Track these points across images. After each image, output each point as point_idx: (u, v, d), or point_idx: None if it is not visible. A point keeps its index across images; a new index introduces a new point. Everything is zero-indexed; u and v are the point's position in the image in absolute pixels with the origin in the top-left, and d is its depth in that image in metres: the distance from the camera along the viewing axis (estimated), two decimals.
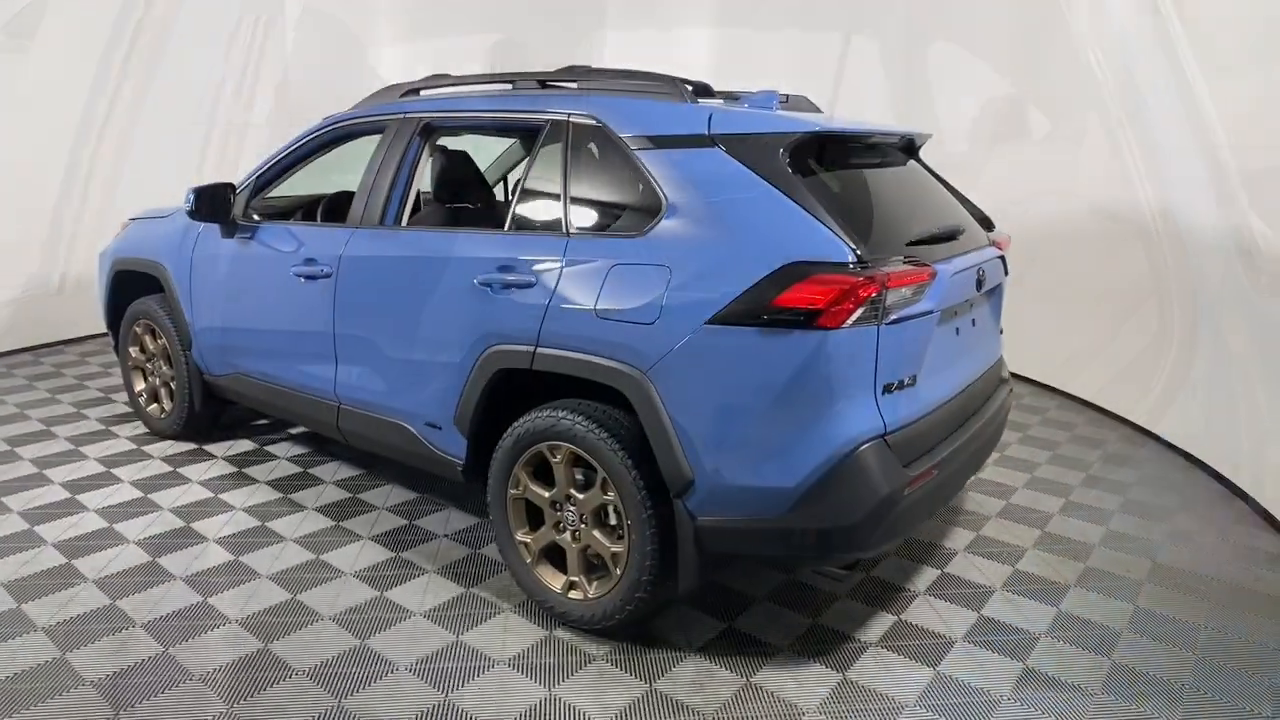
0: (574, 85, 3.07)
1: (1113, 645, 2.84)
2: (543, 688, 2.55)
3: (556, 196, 2.84)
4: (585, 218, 2.79)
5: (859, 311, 2.29)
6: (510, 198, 3.98)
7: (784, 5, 6.48)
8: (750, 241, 2.40)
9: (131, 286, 4.54)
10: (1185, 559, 3.47)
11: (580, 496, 2.75)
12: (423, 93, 3.51)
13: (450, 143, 4.28)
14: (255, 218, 3.86)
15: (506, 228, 2.95)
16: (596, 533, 2.74)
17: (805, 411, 2.35)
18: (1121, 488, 4.18)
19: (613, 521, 2.73)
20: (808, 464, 2.36)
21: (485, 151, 4.50)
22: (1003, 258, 3.21)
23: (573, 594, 2.82)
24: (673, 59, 6.20)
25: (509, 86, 3.26)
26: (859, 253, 2.32)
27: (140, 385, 4.60)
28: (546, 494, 2.84)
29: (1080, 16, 5.17)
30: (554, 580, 2.87)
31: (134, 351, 4.57)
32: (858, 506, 2.37)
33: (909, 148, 3.23)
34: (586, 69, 3.14)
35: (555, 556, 2.90)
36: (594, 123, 2.81)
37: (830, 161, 2.68)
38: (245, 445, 4.45)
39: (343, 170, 4.05)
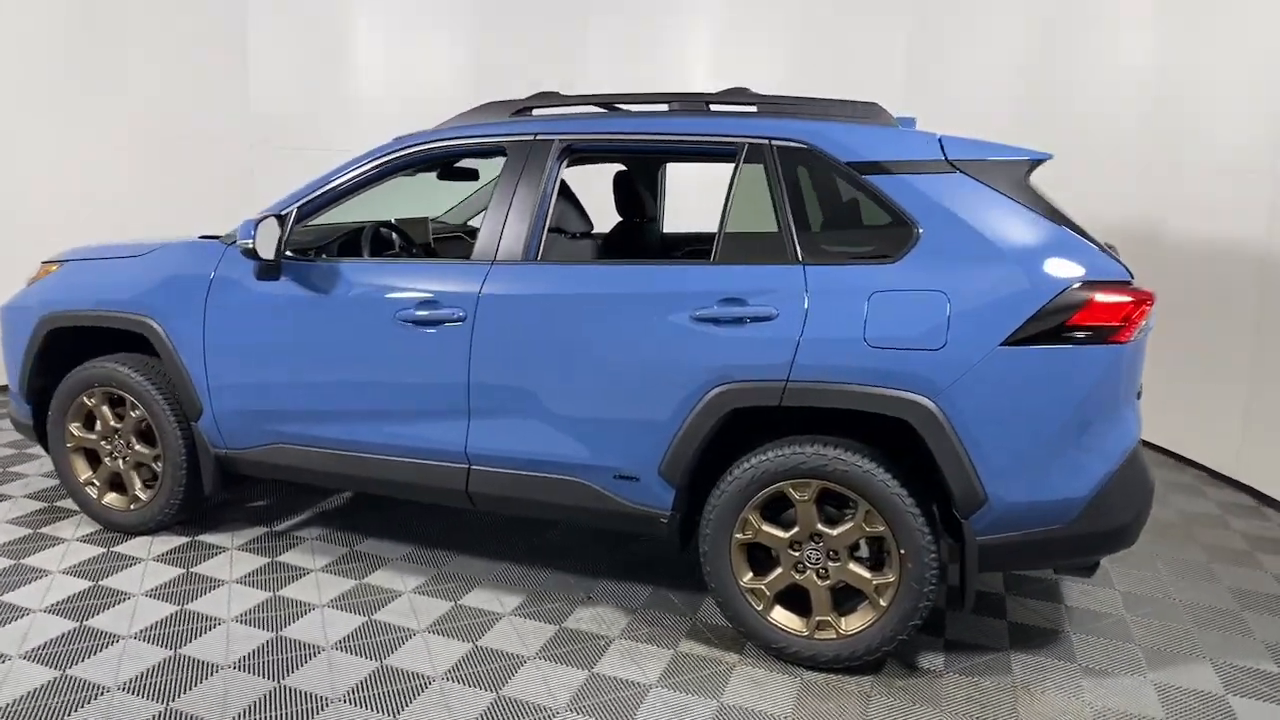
0: (751, 108, 2.96)
1: None
2: None
3: (775, 223, 2.73)
4: (817, 245, 2.71)
5: (1140, 324, 2.48)
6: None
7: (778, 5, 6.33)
8: (1031, 264, 2.50)
9: (63, 348, 3.59)
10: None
11: (833, 532, 2.67)
12: (536, 112, 3.16)
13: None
14: (289, 254, 3.24)
15: (715, 258, 2.77)
16: (854, 567, 2.67)
17: (1098, 422, 2.50)
18: None
19: (863, 553, 2.69)
20: (1099, 472, 2.51)
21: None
22: None
23: (820, 634, 2.72)
24: (660, 64, 6.01)
25: (663, 107, 3.05)
26: (1129, 269, 2.51)
27: (85, 473, 3.63)
28: (784, 534, 2.72)
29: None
30: (794, 623, 2.75)
31: (75, 430, 3.60)
32: (1133, 504, 2.57)
33: None
34: (747, 91, 3.04)
35: (783, 599, 2.78)
36: (804, 146, 2.75)
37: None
38: (251, 531, 3.69)
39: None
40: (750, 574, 2.78)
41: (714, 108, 3.02)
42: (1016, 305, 2.46)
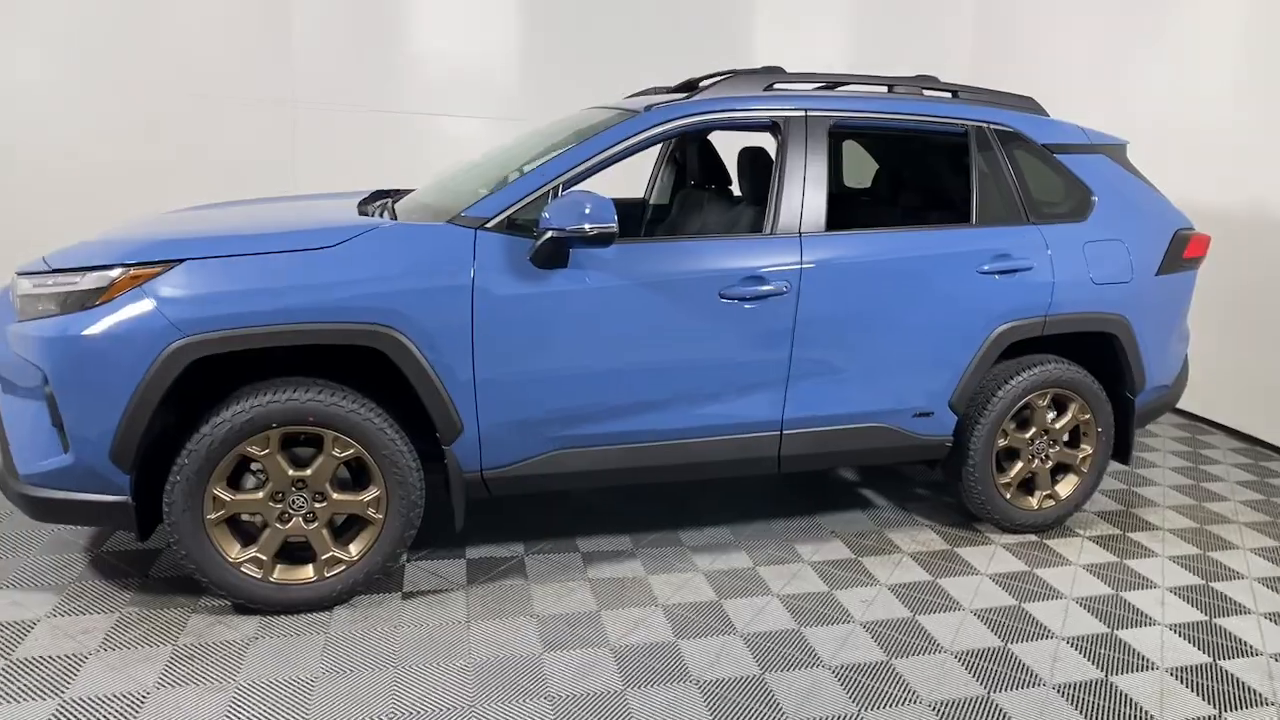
0: (948, 95, 3.52)
1: None
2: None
3: (1008, 193, 3.40)
4: (1037, 209, 3.44)
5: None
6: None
7: None
8: (1155, 217, 3.64)
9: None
10: None
11: (1058, 425, 3.53)
12: (778, 87, 3.25)
13: None
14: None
15: (975, 222, 3.34)
16: (1069, 450, 3.59)
17: (1185, 323, 3.78)
18: None
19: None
20: (1182, 357, 3.83)
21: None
22: None
23: (1048, 503, 3.59)
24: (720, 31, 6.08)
25: (884, 89, 3.43)
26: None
27: (235, 548, 2.65)
28: (1027, 434, 3.50)
29: None
30: (1029, 502, 3.57)
31: (221, 492, 2.60)
32: (1186, 379, 3.94)
33: None
34: (935, 79, 3.57)
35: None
36: (1012, 130, 3.46)
37: None
38: (451, 557, 3.10)
39: None
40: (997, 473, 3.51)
41: (926, 93, 3.52)
42: (1156, 247, 3.58)
